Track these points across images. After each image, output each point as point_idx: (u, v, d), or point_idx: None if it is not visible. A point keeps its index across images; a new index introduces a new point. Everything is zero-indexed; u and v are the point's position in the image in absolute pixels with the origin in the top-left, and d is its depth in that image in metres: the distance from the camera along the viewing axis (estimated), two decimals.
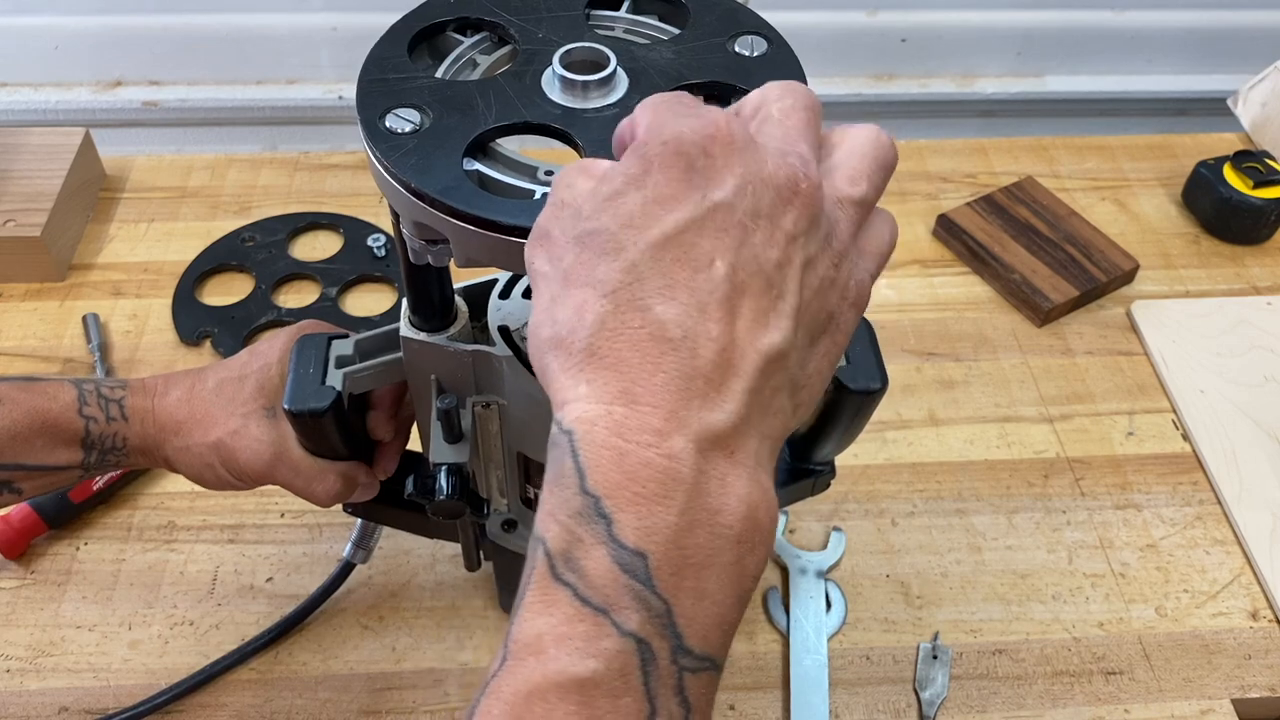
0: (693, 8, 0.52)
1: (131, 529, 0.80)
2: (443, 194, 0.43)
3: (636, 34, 0.52)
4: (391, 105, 0.46)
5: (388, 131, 0.45)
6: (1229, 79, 1.31)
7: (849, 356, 0.60)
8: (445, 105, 0.46)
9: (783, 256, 0.34)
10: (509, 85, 0.47)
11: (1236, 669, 0.74)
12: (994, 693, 0.73)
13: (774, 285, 0.34)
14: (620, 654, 0.31)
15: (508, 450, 0.59)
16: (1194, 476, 0.86)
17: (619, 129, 0.38)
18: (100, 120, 1.33)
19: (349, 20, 1.31)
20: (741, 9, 0.52)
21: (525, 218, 0.42)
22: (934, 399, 0.91)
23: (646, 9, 0.54)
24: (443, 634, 0.75)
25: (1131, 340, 0.97)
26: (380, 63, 0.48)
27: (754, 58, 0.49)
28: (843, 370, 0.59)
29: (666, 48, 0.50)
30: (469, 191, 0.43)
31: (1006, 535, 0.82)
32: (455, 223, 0.43)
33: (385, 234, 1.02)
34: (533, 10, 0.51)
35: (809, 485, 0.69)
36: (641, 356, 0.33)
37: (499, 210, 0.42)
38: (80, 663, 0.73)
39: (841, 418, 0.62)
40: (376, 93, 0.47)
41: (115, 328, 0.94)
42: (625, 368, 0.33)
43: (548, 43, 0.49)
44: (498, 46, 0.51)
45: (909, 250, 1.04)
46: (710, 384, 0.33)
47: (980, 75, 1.42)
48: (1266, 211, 1.03)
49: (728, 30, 0.50)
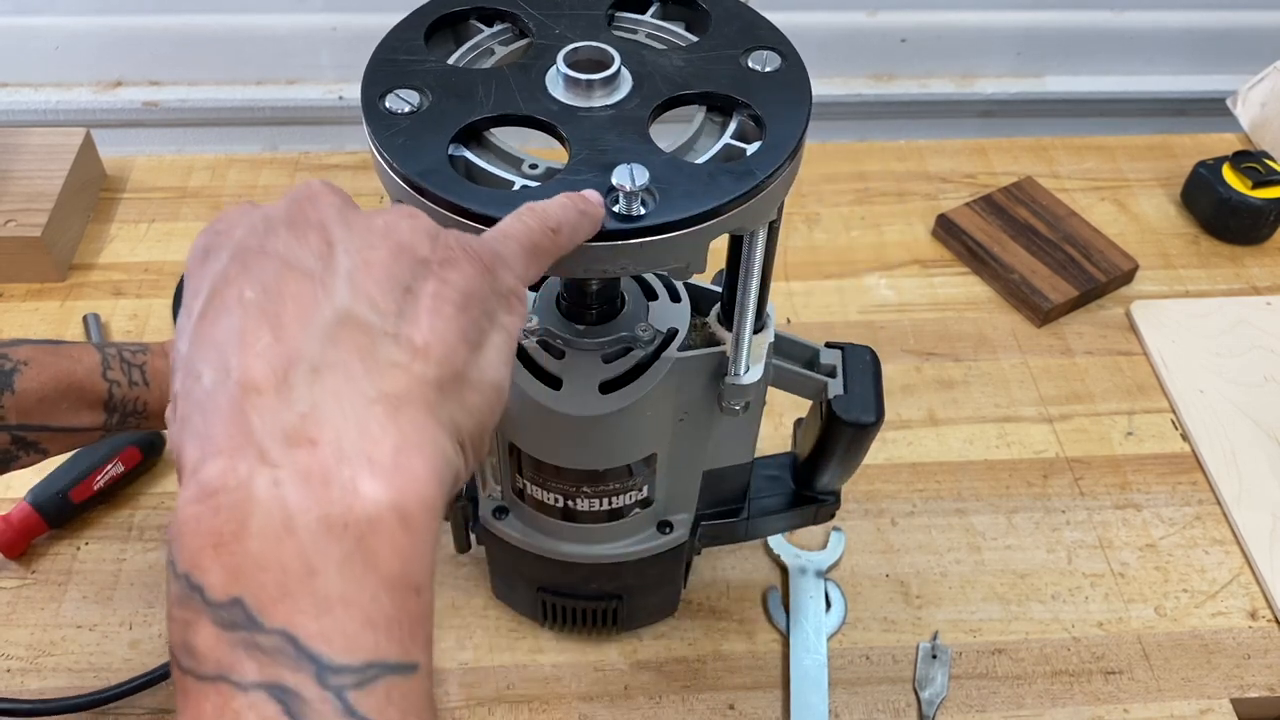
0: (715, 17, 0.51)
1: (132, 528, 0.80)
2: (420, 176, 0.43)
3: (657, 39, 0.52)
4: (394, 85, 0.46)
5: (386, 111, 0.45)
6: (1228, 79, 1.31)
7: (847, 387, 0.60)
8: (447, 90, 0.46)
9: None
10: (513, 77, 0.48)
11: (1236, 669, 0.75)
12: (993, 692, 0.73)
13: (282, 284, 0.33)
14: (252, 709, 0.29)
15: (500, 439, 0.60)
16: (1193, 476, 0.86)
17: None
18: (101, 120, 1.33)
19: (349, 20, 1.31)
20: (763, 22, 0.52)
21: (494, 208, 0.42)
22: (933, 399, 0.91)
23: (673, 14, 0.54)
24: (443, 634, 0.75)
25: (1131, 340, 0.97)
26: (395, 44, 0.49)
27: (765, 73, 0.49)
28: (838, 400, 0.59)
29: (679, 54, 0.50)
30: (447, 177, 0.43)
31: (1006, 535, 0.82)
32: (431, 206, 0.43)
33: None
34: (556, 6, 0.51)
35: (811, 513, 0.69)
36: (197, 409, 0.32)
37: (473, 198, 0.42)
38: (81, 662, 0.73)
39: (836, 448, 0.62)
40: (384, 72, 0.47)
41: (116, 328, 0.94)
42: (191, 428, 0.32)
43: (562, 39, 0.49)
44: (517, 39, 0.51)
45: (909, 250, 1.05)
46: (258, 393, 0.31)
47: (980, 75, 1.42)
48: (1266, 211, 1.03)
49: (744, 43, 0.50)
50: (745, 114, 0.48)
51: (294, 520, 0.30)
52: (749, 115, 0.48)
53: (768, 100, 0.48)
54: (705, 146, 0.48)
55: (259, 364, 0.32)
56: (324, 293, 0.33)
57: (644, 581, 0.69)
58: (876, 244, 1.05)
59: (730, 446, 0.62)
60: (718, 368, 0.56)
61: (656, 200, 0.43)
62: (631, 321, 0.56)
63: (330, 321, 0.33)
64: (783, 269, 1.02)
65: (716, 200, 0.43)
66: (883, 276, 1.02)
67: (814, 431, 0.63)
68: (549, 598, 0.70)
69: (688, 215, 0.43)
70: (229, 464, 0.31)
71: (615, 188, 0.42)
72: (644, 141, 0.45)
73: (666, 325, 0.56)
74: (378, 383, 0.32)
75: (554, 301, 0.57)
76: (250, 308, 0.33)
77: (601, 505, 0.61)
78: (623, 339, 0.56)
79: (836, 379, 0.60)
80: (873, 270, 1.02)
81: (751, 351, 0.55)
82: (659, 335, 0.56)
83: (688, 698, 0.72)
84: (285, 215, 0.35)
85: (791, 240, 1.05)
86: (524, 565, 0.68)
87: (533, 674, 0.73)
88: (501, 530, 0.65)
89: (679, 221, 0.43)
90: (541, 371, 0.55)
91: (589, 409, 0.54)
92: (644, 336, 0.55)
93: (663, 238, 0.43)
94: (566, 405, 0.54)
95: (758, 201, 0.45)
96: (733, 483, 0.65)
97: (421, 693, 0.32)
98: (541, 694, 0.72)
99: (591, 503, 0.61)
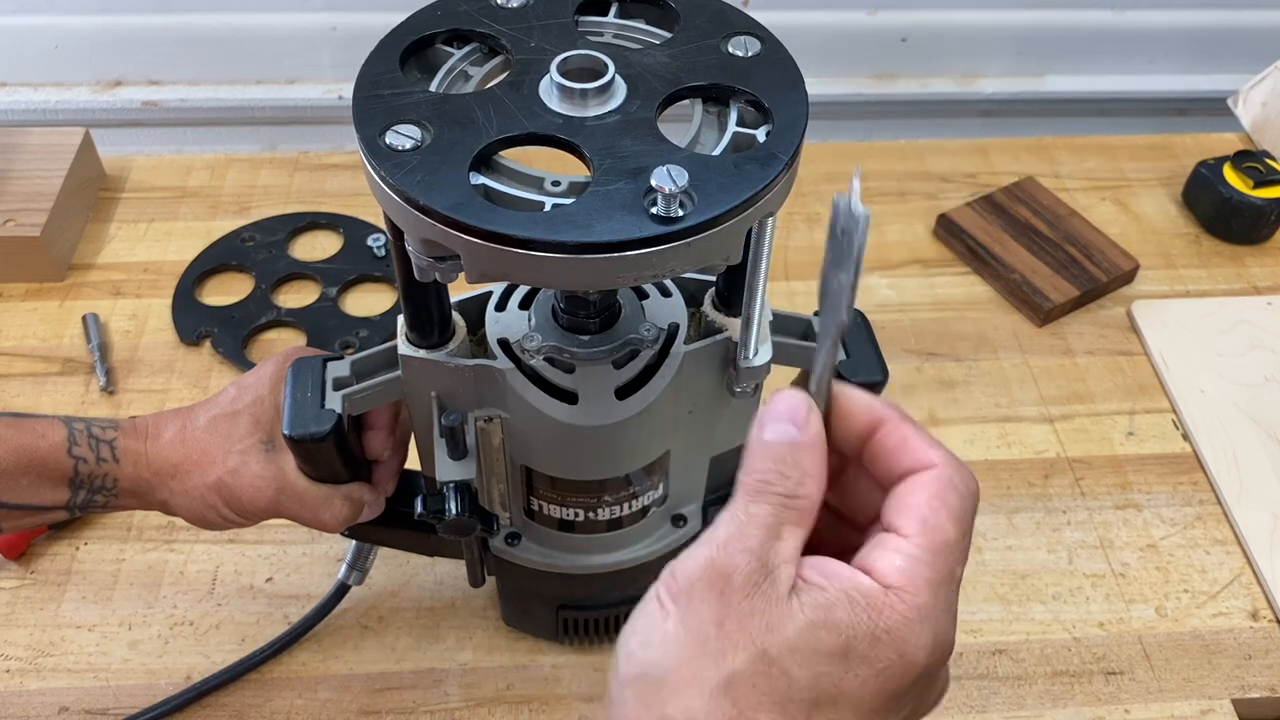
0: (681, 10, 0.51)
1: (131, 529, 0.80)
2: (453, 210, 0.42)
3: (626, 39, 0.52)
4: (390, 122, 0.45)
5: (389, 149, 0.44)
6: (1229, 79, 1.31)
7: (848, 351, 0.60)
8: (445, 119, 0.46)
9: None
10: (507, 96, 0.47)
11: (1236, 669, 0.74)
12: (994, 693, 0.73)
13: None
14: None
15: (511, 463, 0.59)
16: (1194, 476, 0.86)
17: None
18: (100, 120, 1.33)
19: (349, 20, 1.31)
20: (730, 9, 0.52)
21: (539, 230, 0.42)
22: (934, 399, 0.91)
23: (634, 13, 0.53)
24: (443, 634, 0.75)
25: (1132, 340, 0.97)
26: (374, 79, 0.47)
27: (749, 58, 0.49)
28: (844, 365, 0.59)
29: (660, 51, 0.50)
30: (480, 206, 0.42)
31: (1006, 535, 0.82)
32: (467, 239, 0.42)
33: (385, 234, 1.02)
34: (521, 19, 0.51)
35: None
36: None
37: (512, 224, 0.42)
38: (80, 663, 0.73)
39: None
40: (373, 109, 0.46)
41: (115, 328, 0.94)
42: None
43: (540, 51, 0.49)
44: (489, 57, 0.51)
45: (909, 250, 1.04)
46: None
47: (980, 75, 1.42)
48: (1266, 211, 1.03)
49: (719, 32, 0.50)
50: (743, 100, 0.48)
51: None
52: (746, 101, 0.48)
53: (763, 84, 0.48)
54: (712, 138, 0.48)
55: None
56: None
57: None
58: (877, 244, 1.05)
59: (734, 429, 0.62)
60: (725, 355, 0.56)
61: (694, 199, 0.43)
62: (632, 324, 0.56)
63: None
64: (783, 269, 1.02)
65: (752, 189, 0.44)
66: (883, 276, 1.02)
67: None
68: (570, 614, 0.70)
69: (729, 208, 0.43)
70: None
71: (654, 189, 0.42)
72: (661, 142, 0.45)
73: (665, 322, 0.56)
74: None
75: (552, 317, 0.56)
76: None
77: (623, 510, 0.61)
78: (629, 342, 0.55)
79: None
80: (873, 270, 1.02)
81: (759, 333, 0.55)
82: (661, 333, 0.56)
83: None
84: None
85: (792, 240, 1.05)
86: (542, 586, 0.67)
87: (533, 674, 0.73)
88: (517, 556, 0.65)
89: (723, 215, 0.43)
90: (555, 389, 0.55)
91: (610, 416, 0.54)
92: (648, 336, 0.55)
93: (708, 235, 0.43)
94: (586, 417, 0.54)
95: (784, 184, 0.46)
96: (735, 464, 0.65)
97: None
98: (541, 694, 0.72)
99: (613, 510, 0.60)
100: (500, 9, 0.51)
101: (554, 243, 0.42)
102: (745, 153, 0.46)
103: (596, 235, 0.42)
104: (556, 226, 0.42)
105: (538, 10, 0.51)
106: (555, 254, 0.42)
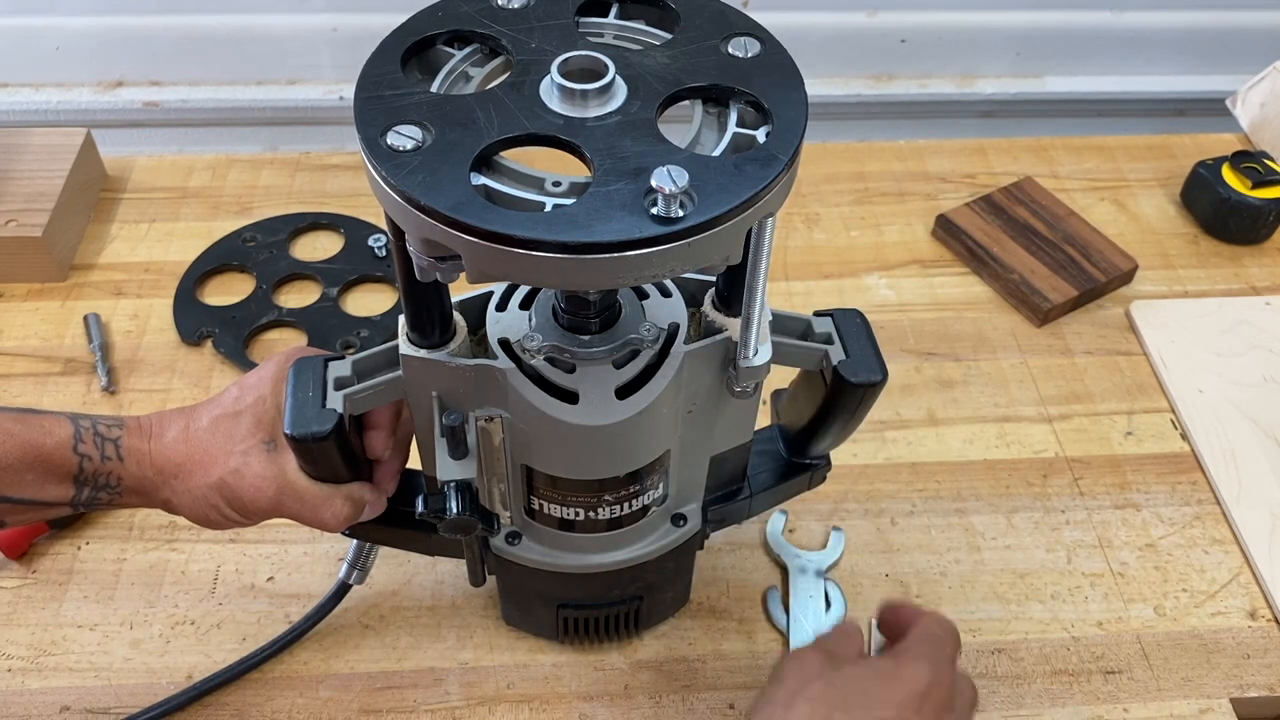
0: (681, 11, 0.52)
1: (133, 528, 0.80)
2: (455, 210, 0.42)
3: (626, 39, 0.52)
4: (391, 123, 0.45)
5: (390, 149, 0.44)
6: (1228, 79, 1.32)
7: (847, 351, 0.60)
8: (445, 120, 0.46)
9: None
10: (508, 96, 0.47)
11: (1235, 668, 0.75)
12: (993, 692, 0.73)
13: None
14: None
15: (511, 463, 0.59)
16: (1193, 476, 0.86)
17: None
18: (101, 121, 1.34)
19: (349, 20, 1.31)
20: (730, 10, 0.52)
21: (540, 230, 0.42)
22: (933, 399, 0.91)
23: (634, 14, 0.54)
24: (443, 633, 0.75)
25: (1130, 340, 0.97)
26: (375, 80, 0.48)
27: (748, 59, 0.49)
28: (843, 364, 0.59)
29: (660, 52, 0.50)
30: (481, 206, 0.43)
31: (1005, 535, 0.82)
32: (468, 239, 0.42)
33: (386, 234, 1.02)
34: (522, 20, 0.51)
35: (805, 480, 0.70)
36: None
37: (512, 224, 0.42)
38: (81, 662, 0.73)
39: (842, 411, 0.62)
40: (374, 110, 0.46)
41: (116, 328, 0.94)
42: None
43: (541, 52, 0.49)
44: (490, 58, 0.51)
45: (908, 250, 1.05)
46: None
47: (980, 75, 1.42)
48: (1265, 211, 1.03)
49: (719, 32, 0.50)
50: (743, 101, 0.48)
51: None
52: (746, 102, 0.48)
53: (763, 85, 0.48)
54: (712, 139, 0.48)
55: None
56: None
57: (663, 577, 0.69)
58: (876, 244, 1.05)
59: (733, 429, 0.63)
60: (725, 354, 0.56)
61: (694, 200, 0.43)
62: (633, 324, 0.56)
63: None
64: (783, 269, 1.02)
65: (752, 189, 0.44)
66: (882, 276, 1.02)
67: (814, 399, 0.63)
68: (570, 613, 0.70)
69: (729, 208, 0.43)
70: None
71: (655, 190, 0.42)
72: (661, 143, 0.46)
73: (665, 322, 0.57)
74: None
75: (552, 317, 0.56)
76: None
77: (624, 509, 0.61)
78: (629, 342, 0.56)
79: (835, 345, 0.61)
80: (872, 270, 1.02)
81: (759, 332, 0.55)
82: (662, 333, 0.56)
83: (688, 697, 0.72)
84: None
85: (791, 240, 1.05)
86: (543, 585, 0.67)
87: (533, 673, 0.73)
88: (518, 555, 0.65)
89: (723, 215, 0.43)
90: (555, 388, 0.55)
91: (610, 417, 0.54)
92: (649, 336, 0.56)
93: (708, 235, 0.43)
94: (587, 417, 0.54)
95: (784, 184, 0.46)
96: (734, 464, 0.66)
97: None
98: (541, 693, 0.72)
99: (613, 509, 0.61)
100: (501, 10, 0.51)
101: (555, 243, 0.42)
102: (745, 153, 0.46)
103: (597, 235, 0.42)
104: (557, 227, 0.42)
105: (538, 11, 0.51)
106: (556, 254, 0.42)
